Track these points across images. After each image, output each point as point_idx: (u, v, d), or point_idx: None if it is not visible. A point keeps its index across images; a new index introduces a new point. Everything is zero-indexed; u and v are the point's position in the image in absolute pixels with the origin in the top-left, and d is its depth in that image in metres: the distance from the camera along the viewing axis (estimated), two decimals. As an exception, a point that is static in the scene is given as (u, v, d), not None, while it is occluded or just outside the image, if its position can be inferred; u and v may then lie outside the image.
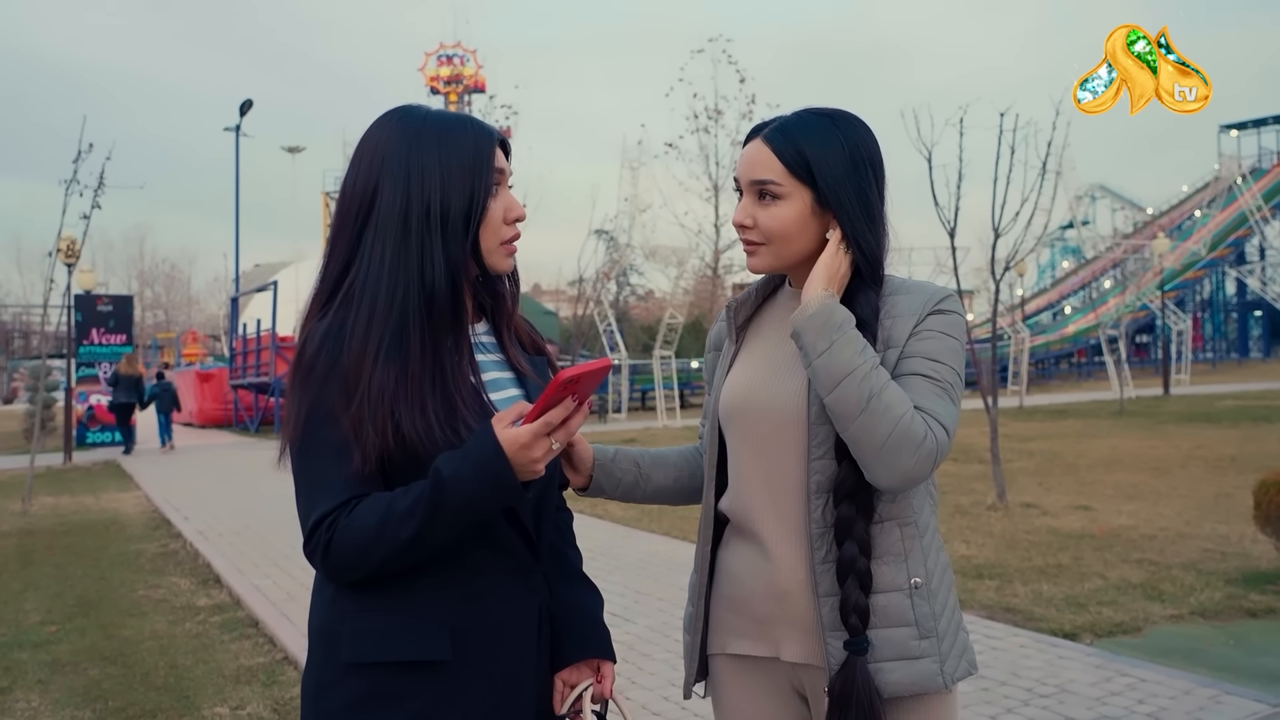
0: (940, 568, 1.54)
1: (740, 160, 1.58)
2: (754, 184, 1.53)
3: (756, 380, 1.59)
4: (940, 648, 1.49)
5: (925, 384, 1.46)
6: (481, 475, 1.27)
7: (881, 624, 1.48)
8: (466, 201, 1.38)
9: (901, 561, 1.50)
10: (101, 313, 20.20)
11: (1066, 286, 46.20)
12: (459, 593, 1.37)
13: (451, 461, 1.29)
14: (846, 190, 1.51)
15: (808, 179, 1.50)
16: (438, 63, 46.59)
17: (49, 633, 5.44)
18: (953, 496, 9.03)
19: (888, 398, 1.40)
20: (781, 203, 1.52)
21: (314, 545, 1.33)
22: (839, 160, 1.51)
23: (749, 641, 1.57)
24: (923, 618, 1.49)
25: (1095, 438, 14.13)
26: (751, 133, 1.59)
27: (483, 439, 1.29)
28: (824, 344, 1.43)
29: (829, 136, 1.52)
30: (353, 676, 1.35)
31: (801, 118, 1.55)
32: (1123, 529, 7.23)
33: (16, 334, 54.69)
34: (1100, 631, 4.76)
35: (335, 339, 1.36)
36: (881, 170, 1.56)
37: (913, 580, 1.49)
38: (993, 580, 5.81)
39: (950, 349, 1.50)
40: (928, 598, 1.50)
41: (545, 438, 1.29)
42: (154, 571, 7.04)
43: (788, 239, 1.53)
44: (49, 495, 11.51)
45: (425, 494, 1.29)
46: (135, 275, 64.15)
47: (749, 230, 1.55)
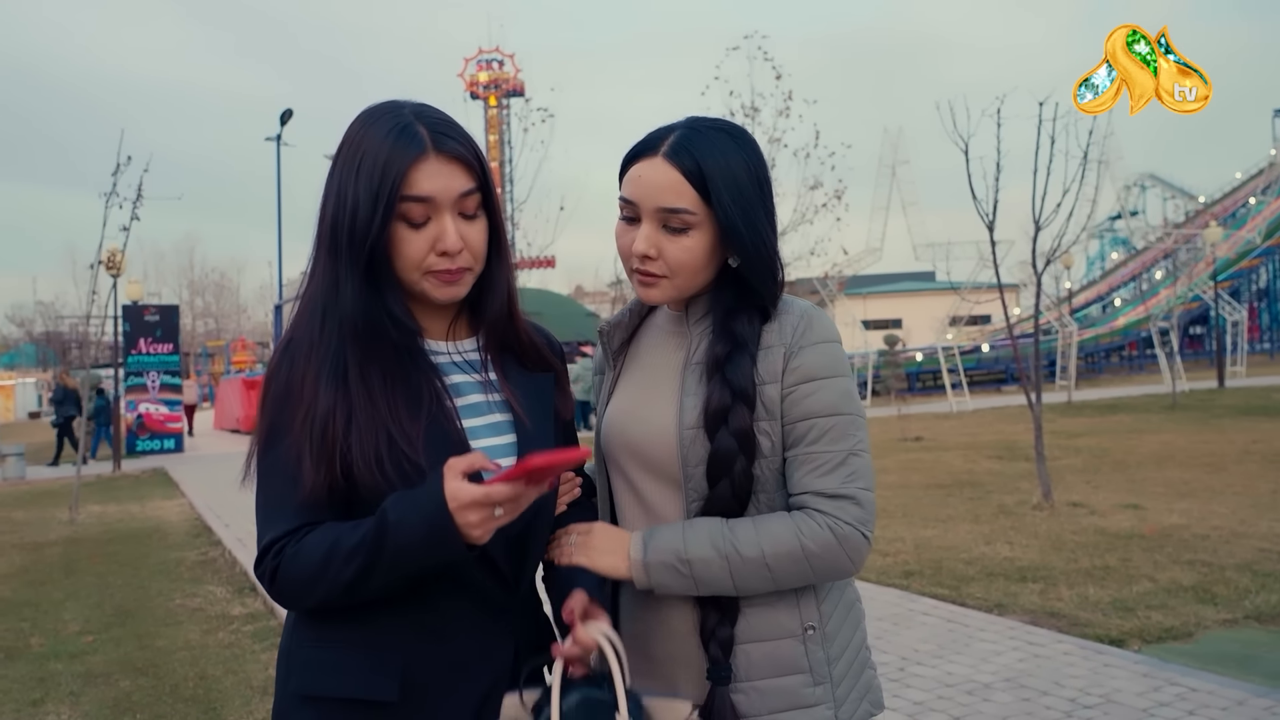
0: (841, 608, 1.46)
1: (639, 180, 1.40)
2: (661, 211, 1.38)
3: (632, 411, 1.48)
4: (835, 693, 1.41)
5: (820, 457, 1.37)
6: (424, 527, 1.18)
7: (772, 673, 1.39)
8: (364, 228, 1.26)
9: (792, 606, 1.41)
10: (149, 322, 20.57)
11: (1116, 278, 45.27)
12: (416, 630, 1.30)
13: (399, 506, 1.20)
14: (754, 215, 1.39)
15: (719, 203, 1.37)
16: (477, 67, 46.97)
17: (86, 643, 5.48)
18: (996, 496, 8.83)
19: (771, 550, 1.34)
20: (692, 233, 1.39)
21: (263, 570, 1.27)
22: (745, 183, 1.39)
23: (650, 681, 1.46)
24: (816, 664, 1.40)
25: (1146, 433, 13.75)
26: (642, 148, 1.42)
27: (431, 489, 1.19)
28: (687, 582, 1.36)
29: (734, 156, 1.39)
30: (304, 709, 1.31)
31: (700, 133, 1.40)
32: (1174, 528, 6.98)
33: (73, 344, 56.06)
34: (1149, 637, 4.58)
35: (293, 354, 1.31)
36: (771, 184, 1.46)
37: (806, 625, 1.40)
38: (1036, 583, 5.64)
39: (839, 391, 1.40)
40: (821, 642, 1.41)
41: (487, 508, 1.18)
42: (192, 580, 7.09)
43: (695, 272, 1.41)
44: (96, 504, 11.71)
45: (369, 536, 1.21)
46: (185, 284, 65.48)
47: (652, 262, 1.39)
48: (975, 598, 5.44)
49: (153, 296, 44.92)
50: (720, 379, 1.38)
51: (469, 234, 1.31)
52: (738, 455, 1.36)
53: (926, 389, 28.09)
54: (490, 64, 46.53)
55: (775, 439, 1.39)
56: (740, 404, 1.37)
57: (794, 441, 1.39)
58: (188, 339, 51.24)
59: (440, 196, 1.28)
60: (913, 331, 42.62)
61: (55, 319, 51.86)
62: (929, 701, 3.95)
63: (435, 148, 1.28)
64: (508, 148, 45.43)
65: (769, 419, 1.38)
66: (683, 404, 1.41)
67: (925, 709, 3.87)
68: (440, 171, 1.28)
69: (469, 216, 1.32)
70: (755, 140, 1.46)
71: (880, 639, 4.76)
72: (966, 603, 5.37)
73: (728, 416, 1.37)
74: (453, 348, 1.40)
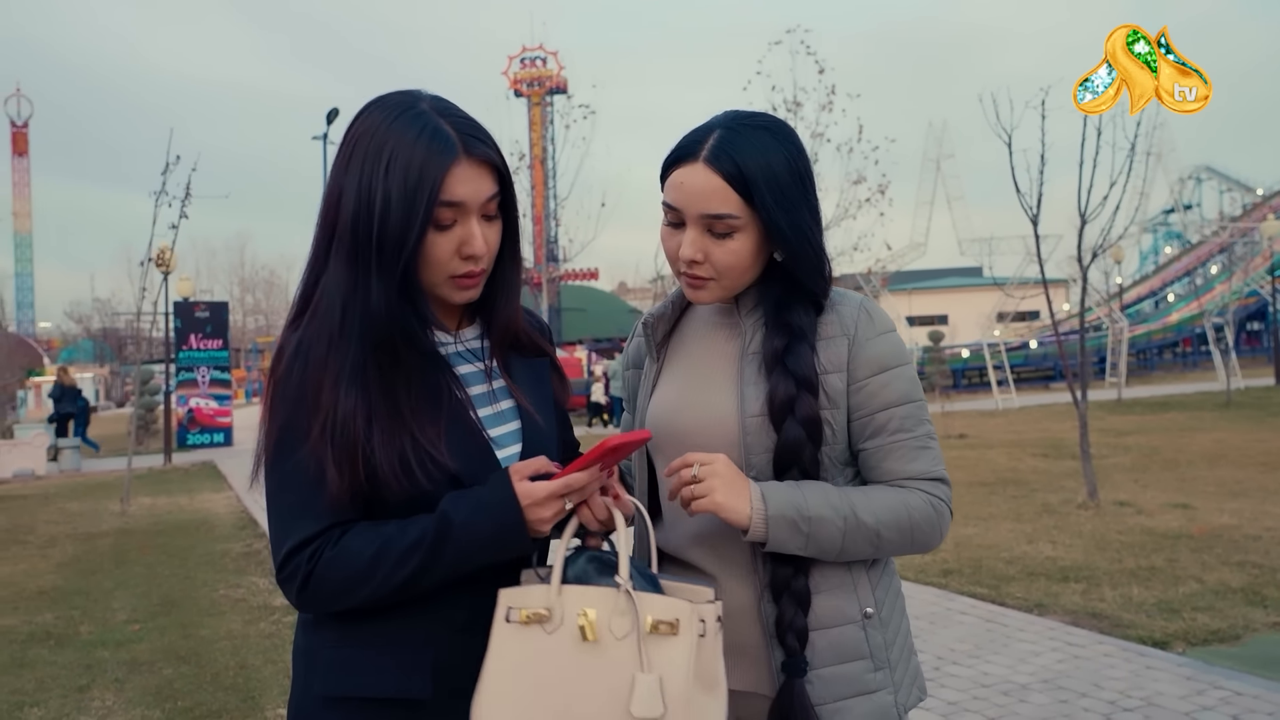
0: (891, 594, 1.48)
1: (681, 186, 1.40)
2: (705, 217, 1.38)
3: (683, 401, 1.48)
4: (894, 678, 1.43)
5: (906, 444, 1.42)
6: (494, 527, 1.23)
7: (836, 660, 1.40)
8: (399, 235, 1.24)
9: (851, 592, 1.42)
10: (199, 319, 20.97)
11: (1169, 273, 44.35)
12: (446, 627, 1.28)
13: (463, 507, 1.23)
14: (799, 211, 1.40)
15: (762, 206, 1.37)
16: (520, 65, 47.22)
17: (132, 631, 5.61)
18: (1041, 494, 8.69)
19: (884, 518, 1.38)
20: (738, 236, 1.39)
21: (289, 572, 1.25)
22: (787, 181, 1.39)
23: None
24: (876, 649, 1.42)
25: (1198, 431, 13.45)
26: (682, 152, 1.41)
27: (499, 490, 1.24)
28: (801, 540, 1.36)
29: (774, 154, 1.39)
30: (327, 710, 1.29)
31: (739, 133, 1.39)
32: (1224, 529, 6.82)
33: (129, 340, 57.43)
34: (1194, 640, 4.47)
35: (306, 355, 1.28)
36: (813, 175, 1.45)
37: (864, 610, 1.42)
38: (1078, 583, 5.54)
39: (908, 379, 1.45)
40: (880, 627, 1.43)
41: (561, 499, 1.24)
42: (236, 571, 7.22)
43: (742, 273, 1.43)
44: (147, 496, 11.97)
45: (429, 536, 1.22)
46: (236, 281, 66.77)
47: (699, 266, 1.41)
48: (1015, 597, 5.35)
49: (204, 293, 45.80)
50: (782, 369, 1.40)
51: (490, 236, 1.32)
52: (806, 444, 1.39)
53: (972, 386, 27.72)
54: (534, 61, 46.76)
55: (838, 427, 1.42)
56: (805, 393, 1.39)
57: (875, 432, 1.42)
58: (238, 335, 52.26)
59: (470, 201, 1.28)
60: (959, 328, 42.09)
61: (111, 315, 53.20)
62: (964, 701, 3.89)
63: (466, 152, 1.27)
64: (550, 145, 45.65)
65: (831, 407, 1.41)
66: (743, 393, 1.42)
67: (960, 709, 3.82)
68: (471, 176, 1.27)
69: (489, 218, 1.32)
70: (795, 133, 1.45)
71: (916, 638, 4.66)
72: (1006, 602, 5.29)
73: (794, 406, 1.39)
74: (457, 337, 1.41)
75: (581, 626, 1.20)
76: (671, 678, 1.17)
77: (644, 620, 1.19)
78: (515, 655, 1.22)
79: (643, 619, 1.19)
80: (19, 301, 63.65)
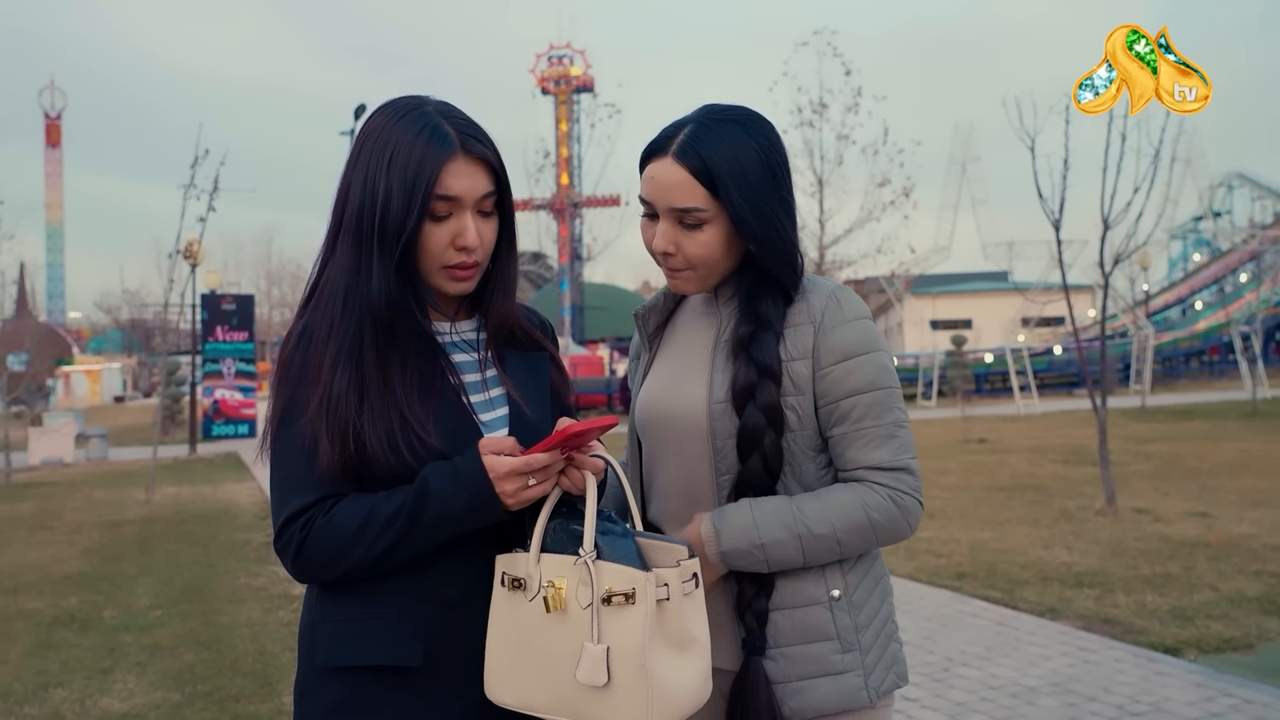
0: (869, 579, 1.49)
1: (652, 180, 1.46)
2: (674, 210, 1.44)
3: (665, 389, 1.55)
4: (864, 661, 1.45)
5: (870, 432, 1.43)
6: (466, 496, 1.29)
7: (800, 639, 1.44)
8: (398, 223, 1.33)
9: (818, 575, 1.45)
10: (225, 311, 21.20)
11: (1198, 281, 43.77)
12: (433, 600, 1.36)
13: (439, 475, 1.30)
14: (767, 203, 1.44)
15: (728, 199, 1.42)
16: (548, 63, 47.34)
17: (154, 617, 5.71)
18: (1059, 500, 8.66)
19: (841, 525, 1.41)
20: (706, 228, 1.44)
21: (285, 542, 1.34)
22: (755, 174, 1.43)
23: None
24: (844, 630, 1.44)
25: (1222, 440, 13.32)
26: (655, 147, 1.47)
27: (469, 460, 1.30)
28: (760, 564, 1.41)
29: (743, 148, 1.43)
30: (331, 681, 1.36)
31: (708, 128, 1.44)
32: (1243, 538, 6.77)
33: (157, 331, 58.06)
34: (1206, 647, 4.46)
35: (310, 337, 1.38)
36: (789, 168, 1.49)
37: (831, 593, 1.45)
38: (1092, 589, 5.53)
39: (877, 366, 1.45)
40: (848, 609, 1.45)
41: (523, 476, 1.29)
42: (257, 560, 7.32)
43: (715, 263, 1.47)
44: (172, 485, 12.14)
45: (408, 503, 1.29)
46: (263, 275, 67.26)
47: (672, 258, 1.47)
48: (1028, 601, 5.36)
49: (231, 286, 46.24)
50: (746, 357, 1.44)
51: (484, 231, 1.39)
52: (766, 429, 1.43)
53: (995, 390, 27.55)
54: (560, 60, 46.88)
55: (803, 414, 1.45)
56: (766, 380, 1.42)
57: (839, 419, 1.44)
58: (264, 328, 52.62)
59: (466, 196, 1.36)
60: (983, 332, 41.78)
61: (140, 306, 53.75)
62: (971, 703, 3.91)
63: (464, 149, 1.35)
64: (575, 143, 45.72)
65: (797, 394, 1.44)
66: (713, 380, 1.47)
67: (967, 710, 3.84)
68: (467, 172, 1.36)
69: (485, 214, 1.40)
70: (770, 126, 1.49)
71: (927, 639, 4.73)
72: (1018, 606, 5.29)
73: (755, 392, 1.42)
74: (453, 329, 1.47)
75: (545, 598, 1.26)
76: (624, 647, 1.23)
77: (600, 590, 1.24)
78: (506, 616, 1.31)
79: (599, 589, 1.24)
80: (50, 291, 64.46)
